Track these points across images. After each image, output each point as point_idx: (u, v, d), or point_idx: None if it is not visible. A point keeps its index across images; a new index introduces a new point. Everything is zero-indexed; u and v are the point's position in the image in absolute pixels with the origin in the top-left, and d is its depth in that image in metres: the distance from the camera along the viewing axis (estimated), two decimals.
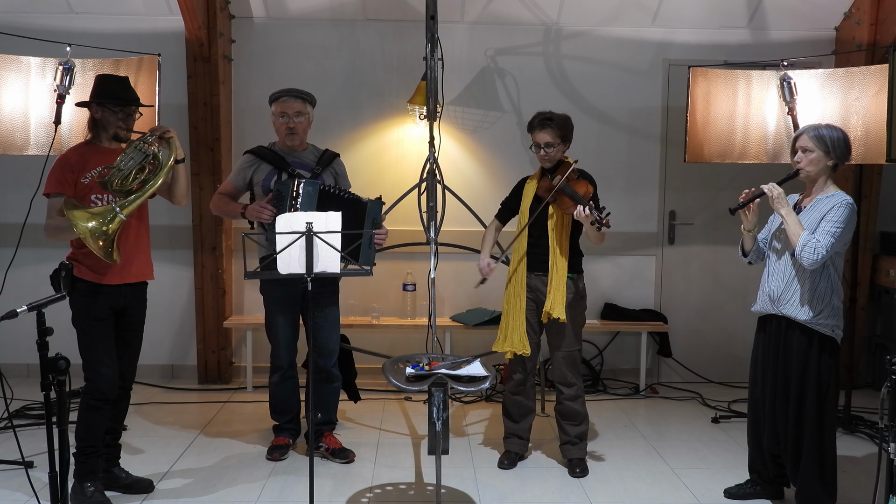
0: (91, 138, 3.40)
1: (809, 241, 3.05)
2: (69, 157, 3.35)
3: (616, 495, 3.56)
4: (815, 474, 3.17)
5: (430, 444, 3.05)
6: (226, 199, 3.93)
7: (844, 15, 5.21)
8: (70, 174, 3.27)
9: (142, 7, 5.15)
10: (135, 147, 3.30)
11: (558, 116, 3.74)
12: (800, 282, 3.16)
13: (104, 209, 3.18)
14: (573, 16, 5.28)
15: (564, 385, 3.78)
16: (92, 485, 3.29)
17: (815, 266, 3.07)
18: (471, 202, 4.77)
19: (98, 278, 3.29)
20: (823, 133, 3.17)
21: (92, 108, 3.36)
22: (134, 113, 3.41)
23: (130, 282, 3.40)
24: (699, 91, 4.61)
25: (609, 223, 3.41)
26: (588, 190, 3.65)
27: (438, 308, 5.27)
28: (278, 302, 3.90)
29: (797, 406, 3.19)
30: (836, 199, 3.13)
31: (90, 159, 3.31)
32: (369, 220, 3.76)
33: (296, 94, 3.90)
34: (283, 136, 3.90)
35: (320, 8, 5.22)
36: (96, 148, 3.36)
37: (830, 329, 3.15)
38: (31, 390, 4.56)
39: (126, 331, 3.44)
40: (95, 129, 3.38)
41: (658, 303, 5.53)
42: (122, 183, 3.24)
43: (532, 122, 3.76)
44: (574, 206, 3.56)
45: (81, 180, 3.28)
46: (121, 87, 3.39)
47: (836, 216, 3.07)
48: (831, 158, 3.17)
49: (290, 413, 4.06)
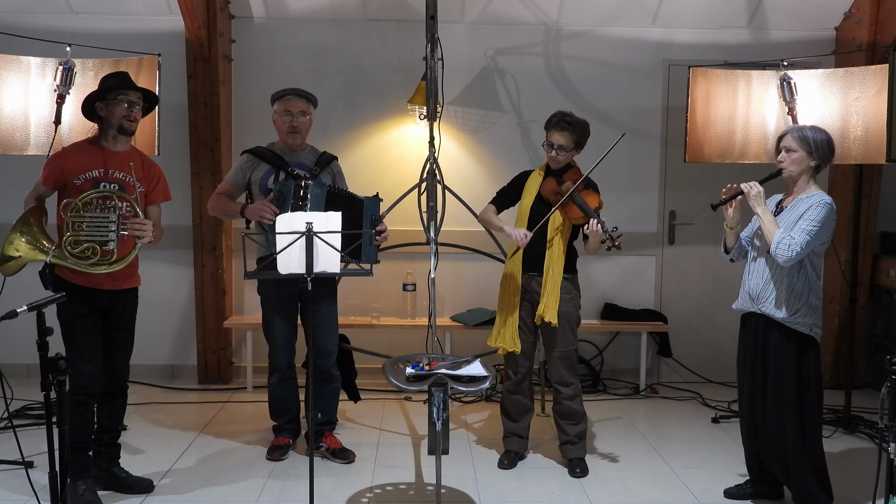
0: (96, 137, 3.37)
1: (784, 238, 3.08)
2: (63, 152, 3.34)
3: (616, 495, 3.56)
4: (806, 473, 3.18)
5: (430, 444, 3.05)
6: (224, 199, 3.91)
7: (844, 15, 5.21)
8: (59, 172, 3.26)
9: (142, 7, 5.15)
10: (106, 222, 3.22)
11: (577, 121, 3.71)
12: (777, 280, 3.19)
13: (43, 242, 3.18)
14: (573, 16, 5.28)
15: (562, 385, 3.77)
16: (83, 483, 3.29)
17: (790, 263, 3.10)
18: (471, 202, 4.77)
19: (77, 280, 3.26)
20: (807, 134, 3.22)
21: (97, 106, 3.33)
22: (138, 102, 3.36)
23: (111, 289, 3.35)
24: (699, 91, 4.61)
25: (620, 245, 3.44)
26: (600, 203, 3.66)
27: (438, 308, 5.27)
28: (276, 303, 3.89)
29: (776, 404, 3.21)
30: (814, 199, 3.17)
31: (89, 160, 3.29)
32: (367, 218, 3.75)
33: (300, 93, 3.90)
34: (284, 135, 3.88)
35: (320, 8, 5.22)
36: (98, 147, 3.34)
37: (808, 328, 3.18)
38: (31, 390, 4.55)
39: (115, 330, 3.42)
40: (102, 128, 3.36)
41: (658, 303, 5.52)
42: (70, 246, 3.19)
43: (551, 119, 3.73)
44: (583, 218, 3.58)
45: (75, 181, 3.25)
46: (121, 78, 3.39)
47: (813, 215, 3.11)
48: (814, 159, 3.22)
49: (290, 413, 4.06)
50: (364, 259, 3.59)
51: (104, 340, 3.40)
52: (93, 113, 3.37)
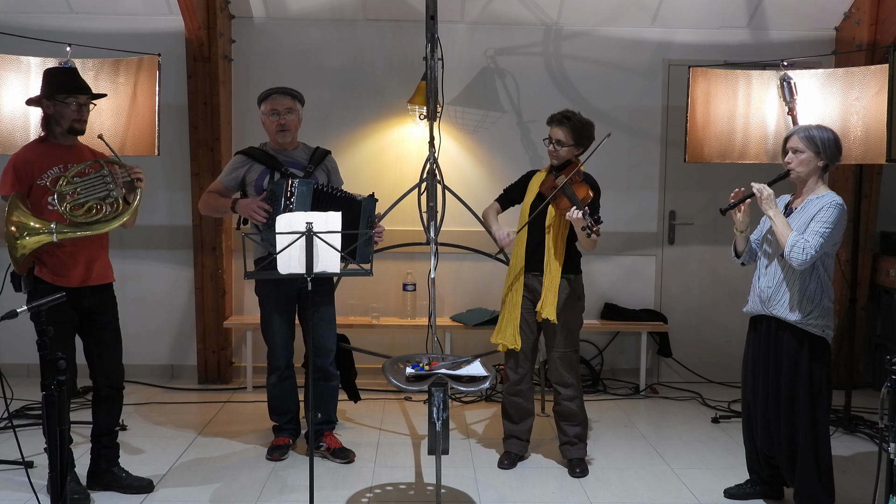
0: (45, 136, 3.31)
1: (798, 241, 3.06)
2: (25, 155, 3.26)
3: (616, 495, 3.56)
4: (812, 474, 3.17)
5: (430, 444, 3.05)
6: (214, 196, 3.87)
7: (844, 15, 5.21)
8: (25, 175, 3.18)
9: (142, 7, 5.15)
10: (102, 178, 3.21)
11: (578, 118, 3.73)
12: (790, 283, 3.17)
13: (41, 223, 3.10)
14: (573, 16, 5.28)
15: (562, 385, 3.77)
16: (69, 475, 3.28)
17: (805, 267, 3.08)
18: (471, 202, 4.77)
19: (58, 280, 3.23)
20: (814, 134, 3.19)
21: (43, 104, 3.28)
22: (87, 103, 3.32)
23: (92, 285, 3.34)
24: (699, 91, 4.61)
25: (598, 231, 3.43)
26: (588, 194, 3.63)
27: (438, 308, 5.27)
28: (274, 303, 3.88)
29: (789, 406, 3.20)
30: (825, 199, 3.14)
31: (47, 159, 3.23)
32: (364, 219, 3.75)
33: (284, 90, 3.89)
34: (273, 135, 3.88)
35: (320, 8, 5.22)
36: (52, 146, 3.29)
37: (821, 329, 3.16)
38: (31, 390, 4.55)
39: (101, 330, 3.40)
40: (49, 126, 3.29)
41: (658, 303, 5.52)
42: (73, 211, 3.16)
43: (553, 115, 3.78)
44: (570, 208, 3.56)
45: (38, 181, 3.20)
46: (70, 77, 3.33)
47: (825, 217, 3.09)
48: (822, 159, 3.19)
49: (290, 413, 4.06)
50: (358, 259, 3.59)
51: (92, 343, 3.39)
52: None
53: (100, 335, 3.40)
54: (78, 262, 3.28)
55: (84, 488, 3.37)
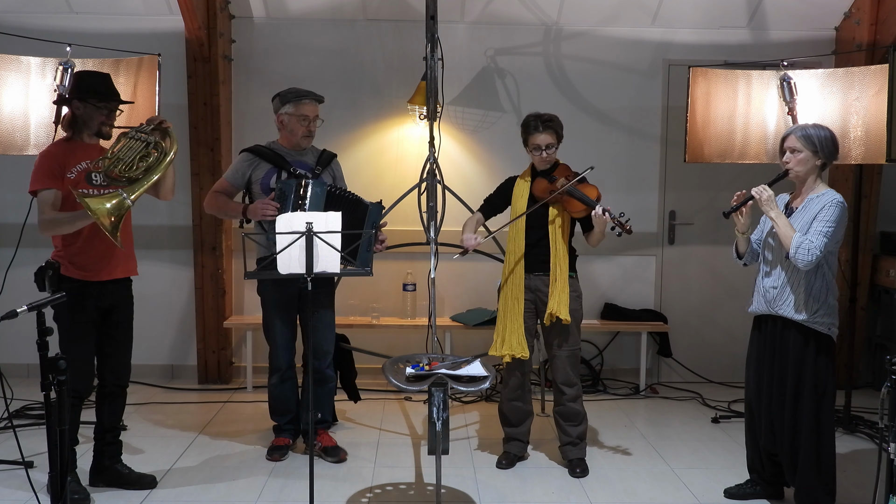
0: (71, 135, 3.37)
1: (803, 242, 3.06)
2: (53, 151, 3.33)
3: (616, 495, 3.56)
4: (814, 474, 3.17)
5: (430, 444, 3.05)
6: (224, 199, 3.90)
7: (844, 15, 5.21)
8: (58, 168, 3.25)
9: (142, 7, 5.15)
10: (131, 138, 3.29)
11: (553, 117, 3.75)
12: (795, 283, 3.17)
13: (113, 194, 3.16)
14: (573, 16, 5.28)
15: (567, 385, 3.77)
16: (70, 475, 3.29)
17: (810, 267, 3.08)
18: (471, 202, 4.76)
19: (85, 275, 3.29)
20: (811, 132, 3.20)
21: (73, 104, 3.33)
22: (116, 109, 3.40)
23: (117, 277, 3.39)
24: (699, 91, 4.61)
25: (631, 229, 3.46)
26: (599, 193, 3.66)
27: (438, 308, 5.27)
28: (276, 303, 3.89)
29: (793, 405, 3.20)
30: (826, 198, 3.15)
31: (74, 155, 3.30)
32: (369, 223, 3.75)
33: (316, 97, 3.91)
34: (298, 138, 3.88)
35: (320, 8, 5.22)
36: (78, 144, 3.35)
37: (826, 327, 3.16)
38: (31, 390, 4.55)
39: (115, 328, 3.44)
40: (76, 126, 3.36)
41: (658, 303, 5.53)
42: (126, 170, 3.24)
43: (529, 123, 3.73)
44: (585, 210, 3.58)
45: (68, 175, 3.26)
46: (103, 82, 3.38)
47: (827, 215, 3.09)
48: (819, 158, 3.20)
49: (290, 414, 4.05)
50: (358, 263, 3.58)
51: (105, 340, 3.41)
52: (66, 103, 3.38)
53: (114, 333, 3.44)
54: (104, 255, 3.33)
55: (84, 488, 3.37)
